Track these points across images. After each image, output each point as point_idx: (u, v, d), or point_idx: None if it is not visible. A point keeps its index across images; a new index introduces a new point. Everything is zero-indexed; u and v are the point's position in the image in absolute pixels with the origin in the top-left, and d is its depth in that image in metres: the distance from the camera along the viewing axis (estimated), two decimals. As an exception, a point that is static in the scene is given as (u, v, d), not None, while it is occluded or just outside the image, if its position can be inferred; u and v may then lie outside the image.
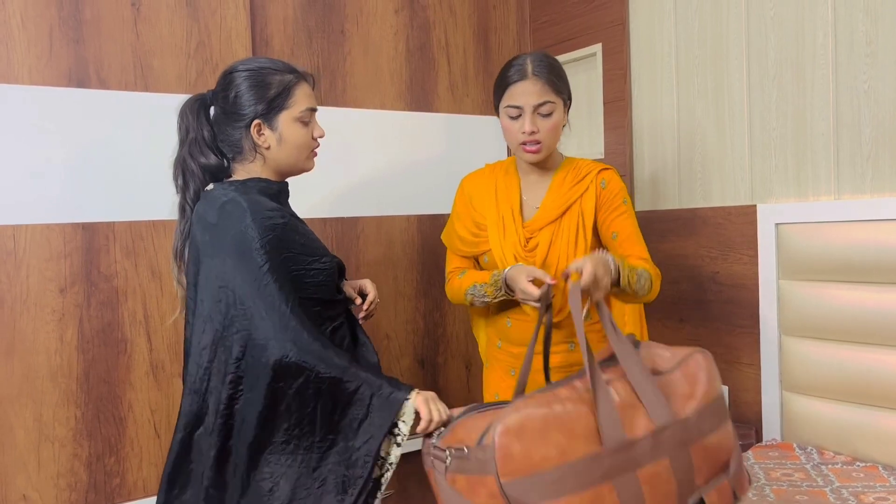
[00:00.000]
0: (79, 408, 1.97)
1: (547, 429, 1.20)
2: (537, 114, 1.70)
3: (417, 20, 2.59)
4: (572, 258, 1.71)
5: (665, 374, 1.34)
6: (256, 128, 1.50)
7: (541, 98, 1.69)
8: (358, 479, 1.36)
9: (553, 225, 1.75)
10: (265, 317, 1.37)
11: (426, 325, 2.62)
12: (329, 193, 2.39)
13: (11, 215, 1.89)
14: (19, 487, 1.89)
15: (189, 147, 1.52)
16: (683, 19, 2.29)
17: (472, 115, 2.70)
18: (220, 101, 1.53)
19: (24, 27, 1.90)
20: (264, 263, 1.39)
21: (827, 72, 1.94)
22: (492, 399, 1.91)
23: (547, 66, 1.72)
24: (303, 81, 1.55)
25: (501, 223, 1.79)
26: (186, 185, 1.53)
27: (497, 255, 1.78)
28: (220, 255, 1.42)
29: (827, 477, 1.76)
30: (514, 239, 1.77)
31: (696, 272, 2.27)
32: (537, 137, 1.70)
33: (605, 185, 1.76)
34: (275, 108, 1.50)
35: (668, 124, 2.36)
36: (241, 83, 1.50)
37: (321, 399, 1.37)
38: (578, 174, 1.78)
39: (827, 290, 1.91)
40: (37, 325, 1.92)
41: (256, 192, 1.49)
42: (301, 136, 1.54)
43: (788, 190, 2.05)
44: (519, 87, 1.70)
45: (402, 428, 1.37)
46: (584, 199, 1.75)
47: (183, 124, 1.55)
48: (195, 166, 1.52)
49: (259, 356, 1.37)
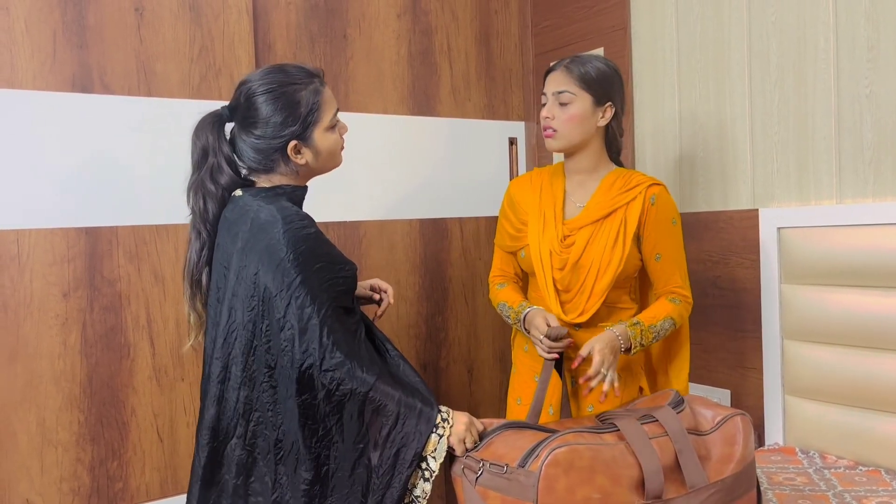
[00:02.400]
0: (82, 412, 1.98)
1: (594, 470, 1.21)
2: (557, 102, 1.74)
3: (419, 25, 2.60)
4: (606, 262, 1.70)
5: (705, 435, 1.38)
6: (294, 149, 1.48)
7: (560, 86, 1.74)
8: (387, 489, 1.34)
9: (594, 226, 1.74)
10: (295, 328, 1.35)
11: (428, 329, 2.63)
12: (331, 198, 2.40)
13: (15, 219, 1.89)
14: (22, 492, 1.90)
15: (210, 170, 1.48)
16: (685, 24, 2.30)
17: (474, 120, 2.71)
18: (246, 124, 1.49)
19: (27, 32, 1.91)
20: (296, 276, 1.37)
21: (828, 76, 1.95)
22: (514, 402, 1.91)
23: (583, 64, 1.74)
24: (323, 87, 1.52)
25: (542, 219, 1.80)
26: (206, 206, 1.48)
27: (534, 248, 1.78)
28: (251, 265, 1.39)
29: (829, 481, 1.76)
30: (552, 234, 1.77)
31: (698, 276, 2.27)
32: (552, 124, 1.75)
33: (654, 201, 1.74)
34: (308, 125, 1.48)
35: (670, 129, 2.36)
36: (267, 106, 1.46)
37: (345, 410, 1.35)
38: (629, 183, 1.76)
39: (829, 294, 1.92)
40: (40, 329, 1.92)
41: (286, 200, 1.47)
42: (333, 141, 1.54)
43: (790, 194, 2.05)
44: (550, 77, 1.78)
45: (432, 464, 1.35)
46: (631, 207, 1.73)
47: (199, 143, 1.49)
48: (215, 188, 1.48)
49: (290, 369, 1.35)
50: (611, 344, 1.61)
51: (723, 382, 2.22)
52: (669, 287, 1.78)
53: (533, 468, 1.20)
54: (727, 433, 1.38)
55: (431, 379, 2.63)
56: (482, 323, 2.75)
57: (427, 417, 1.35)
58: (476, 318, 2.73)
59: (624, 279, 1.76)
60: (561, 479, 1.19)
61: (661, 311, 1.73)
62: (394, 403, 1.35)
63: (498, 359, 2.78)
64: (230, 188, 1.50)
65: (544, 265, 1.76)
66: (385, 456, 1.35)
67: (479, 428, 1.38)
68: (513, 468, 1.22)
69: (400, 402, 1.36)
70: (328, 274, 1.42)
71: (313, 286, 1.38)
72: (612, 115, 1.77)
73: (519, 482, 1.20)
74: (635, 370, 1.80)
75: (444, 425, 1.36)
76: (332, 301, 1.40)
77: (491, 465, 1.26)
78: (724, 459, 1.35)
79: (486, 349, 2.76)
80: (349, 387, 1.34)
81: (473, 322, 2.72)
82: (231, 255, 1.43)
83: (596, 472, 1.21)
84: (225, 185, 1.49)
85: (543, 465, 1.19)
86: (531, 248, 1.80)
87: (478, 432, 1.37)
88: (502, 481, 1.23)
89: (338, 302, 1.43)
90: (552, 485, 1.18)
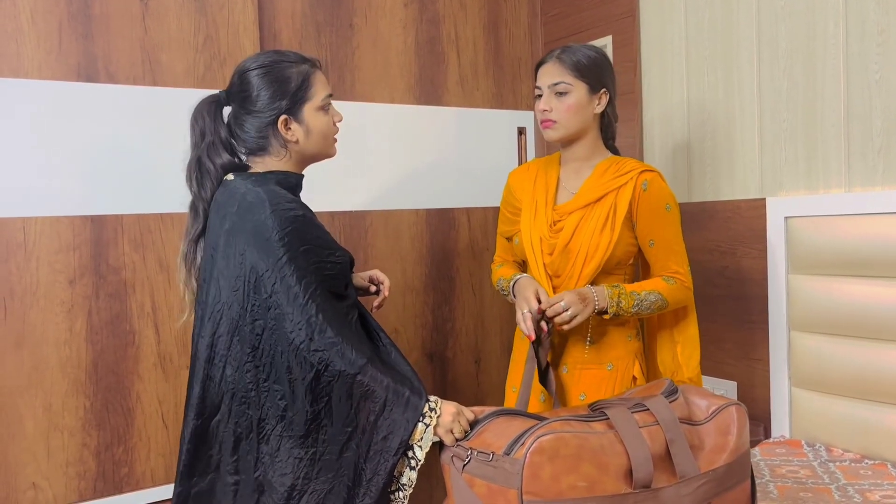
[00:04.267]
0: (87, 398, 2.00)
1: (580, 458, 1.20)
2: (554, 94, 1.75)
3: (427, 14, 2.58)
4: (595, 246, 1.71)
5: (699, 425, 1.36)
6: (284, 123, 1.51)
7: (555, 78, 1.75)
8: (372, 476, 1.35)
9: (584, 210, 1.75)
10: (283, 307, 1.36)
11: (435, 319, 2.62)
12: (337, 187, 2.40)
13: (21, 208, 1.92)
14: (29, 476, 1.93)
15: (207, 149, 1.51)
16: (693, 10, 2.26)
17: (481, 109, 2.69)
18: (239, 100, 1.53)
19: (33, 22, 1.93)
20: (283, 255, 1.38)
21: (838, 62, 1.91)
22: (510, 390, 1.92)
23: (573, 53, 1.76)
24: (317, 69, 1.56)
25: (534, 206, 1.83)
26: (202, 185, 1.52)
27: (525, 235, 1.81)
28: (238, 245, 1.41)
29: (834, 474, 1.73)
30: (542, 220, 1.79)
31: (705, 266, 2.24)
32: (551, 116, 1.76)
33: (646, 186, 1.73)
34: (298, 100, 1.51)
35: (678, 117, 2.33)
36: (259, 81, 1.50)
37: (334, 392, 1.36)
38: (621, 169, 1.77)
39: (837, 284, 1.88)
40: (46, 316, 1.95)
41: (275, 184, 1.49)
42: (325, 123, 1.56)
43: (798, 183, 2.02)
44: (542, 69, 1.79)
45: (418, 453, 1.35)
46: (621, 192, 1.73)
47: (198, 126, 1.53)
48: (212, 166, 1.51)
49: (276, 346, 1.37)
50: (582, 293, 1.64)
51: (729, 374, 2.19)
52: (665, 272, 1.78)
53: (518, 456, 1.19)
54: (721, 423, 1.36)
55: (438, 369, 2.63)
56: (489, 313, 2.74)
57: (414, 406, 1.35)
58: (483, 309, 2.72)
59: (616, 265, 1.76)
60: (546, 467, 1.18)
61: (649, 284, 1.74)
62: (382, 389, 1.35)
63: (505, 349, 2.77)
64: (227, 169, 1.52)
65: (535, 251, 1.77)
66: (372, 441, 1.35)
67: (469, 417, 1.37)
68: (498, 456, 1.22)
69: (388, 388, 1.35)
70: (315, 257, 1.43)
71: (301, 265, 1.38)
72: (607, 102, 1.79)
73: (504, 469, 1.20)
74: (628, 359, 1.79)
75: (432, 415, 1.35)
76: (321, 283, 1.41)
77: (478, 453, 1.25)
78: (717, 449, 1.33)
79: (494, 339, 2.75)
80: (338, 368, 1.34)
81: (481, 312, 2.71)
82: (219, 236, 1.45)
83: (582, 459, 1.20)
84: (221, 165, 1.51)
85: (528, 452, 1.18)
86: (523, 234, 1.82)
87: (467, 421, 1.36)
88: (488, 469, 1.22)
89: (327, 286, 1.43)
90: (537, 472, 1.17)
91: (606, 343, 1.77)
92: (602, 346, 1.77)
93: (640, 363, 1.80)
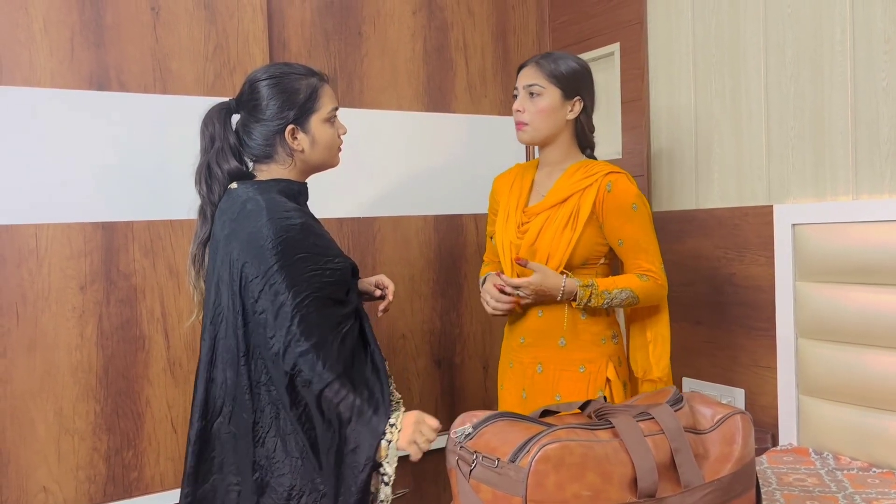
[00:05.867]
0: (98, 402, 2.03)
1: (585, 467, 1.20)
2: (527, 94, 1.81)
3: (435, 21, 2.60)
4: (555, 246, 1.77)
5: (703, 434, 1.36)
6: (291, 132, 1.56)
7: (530, 80, 1.81)
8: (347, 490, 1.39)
9: (549, 211, 1.80)
10: (267, 314, 1.40)
11: (443, 325, 2.63)
12: (346, 194, 2.42)
13: (33, 215, 1.94)
14: (40, 479, 1.95)
15: (216, 154, 1.56)
16: (701, 17, 2.26)
17: (490, 116, 2.71)
18: (249, 109, 1.58)
19: (46, 32, 1.95)
20: (274, 263, 1.42)
21: (845, 69, 1.91)
22: (500, 388, 1.98)
23: (553, 60, 1.82)
24: (325, 83, 1.62)
25: (507, 209, 1.90)
26: (211, 190, 1.57)
27: (497, 237, 1.89)
28: (234, 251, 1.46)
29: (841, 483, 1.72)
30: (512, 223, 1.86)
31: (713, 273, 2.24)
32: (523, 118, 1.82)
33: (610, 188, 1.77)
34: (306, 111, 1.57)
35: (686, 124, 2.33)
36: (269, 91, 1.55)
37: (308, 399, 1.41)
38: (588, 172, 1.82)
39: (844, 292, 1.87)
40: (58, 321, 1.97)
41: (276, 193, 1.53)
42: (330, 135, 1.61)
43: (806, 190, 2.01)
44: (521, 72, 1.86)
45: (388, 469, 1.39)
46: (585, 194, 1.78)
47: (207, 132, 1.59)
48: (220, 172, 1.56)
49: (263, 351, 1.42)
50: (549, 282, 1.72)
51: (736, 381, 2.19)
52: (637, 269, 1.82)
53: (522, 464, 1.19)
54: (726, 432, 1.35)
55: (446, 375, 2.64)
56: (498, 319, 2.74)
57: (374, 428, 1.39)
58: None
59: (582, 264, 1.80)
60: (550, 476, 1.18)
61: (623, 281, 1.78)
62: (346, 407, 1.39)
63: (513, 355, 2.77)
64: (233, 175, 1.57)
65: (504, 252, 1.85)
66: (344, 452, 1.40)
67: (433, 425, 1.42)
68: (504, 462, 1.22)
69: (352, 406, 1.39)
70: (312, 264, 1.46)
71: (292, 274, 1.42)
72: (580, 109, 1.84)
73: (509, 477, 1.20)
74: (600, 362, 1.81)
75: (393, 430, 1.39)
76: (316, 291, 1.44)
77: (483, 458, 1.25)
78: (722, 459, 1.33)
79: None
80: (307, 377, 1.38)
81: (488, 318, 2.72)
82: (219, 241, 1.51)
83: (587, 468, 1.20)
84: (228, 171, 1.56)
85: (533, 461, 1.18)
86: (496, 236, 1.89)
87: (431, 429, 1.41)
88: (493, 475, 1.23)
89: (327, 293, 1.46)
90: (541, 481, 1.17)
91: (578, 345, 1.81)
92: (574, 347, 1.81)
93: (615, 366, 1.82)
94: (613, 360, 1.83)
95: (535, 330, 1.83)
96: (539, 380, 1.83)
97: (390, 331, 2.51)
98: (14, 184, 1.92)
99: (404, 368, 2.55)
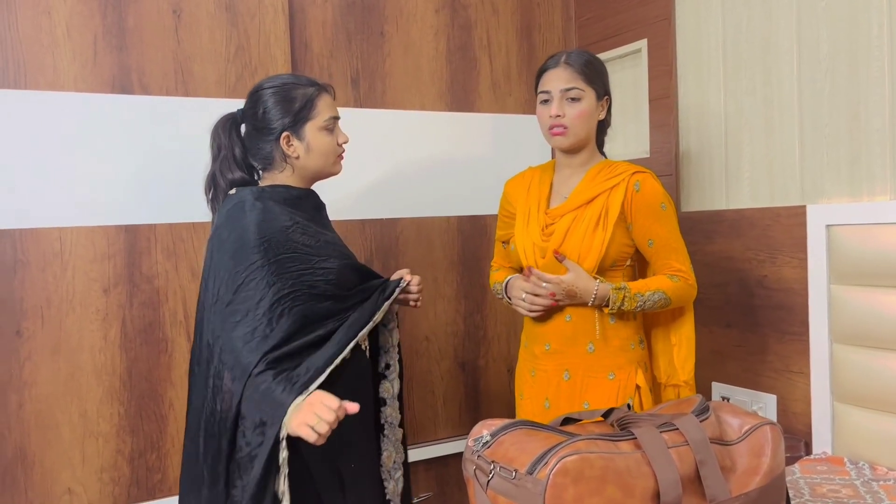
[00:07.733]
0: (122, 405, 2.03)
1: (605, 480, 1.16)
2: (565, 99, 1.75)
3: (458, 19, 2.57)
4: (587, 248, 1.71)
5: (730, 445, 1.31)
6: (285, 139, 1.60)
7: (569, 83, 1.74)
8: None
9: (575, 213, 1.75)
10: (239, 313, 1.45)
11: (467, 327, 2.60)
12: (368, 195, 2.40)
13: (57, 218, 1.96)
14: (65, 481, 1.96)
15: (220, 164, 1.63)
16: (731, 12, 2.20)
17: (514, 115, 2.67)
18: (250, 118, 1.64)
19: (69, 36, 1.96)
20: (253, 262, 1.47)
21: (882, 64, 1.83)
22: (519, 398, 1.92)
23: (581, 58, 1.77)
24: (324, 93, 1.65)
25: (528, 212, 1.84)
26: (216, 198, 1.64)
27: (518, 241, 1.83)
28: (220, 252, 1.52)
29: (877, 494, 1.66)
30: (535, 226, 1.80)
31: (744, 276, 2.18)
32: (563, 122, 1.75)
33: (638, 188, 1.73)
34: (301, 119, 1.61)
35: (715, 122, 2.27)
36: (267, 99, 1.61)
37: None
38: (613, 172, 1.78)
39: (881, 296, 1.80)
40: (82, 324, 1.98)
41: (270, 196, 1.58)
42: (326, 143, 1.64)
43: (841, 189, 1.94)
44: (550, 74, 1.77)
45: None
46: (613, 194, 1.74)
47: (215, 142, 1.65)
48: (223, 182, 1.63)
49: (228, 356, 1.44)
50: (581, 283, 1.68)
51: (768, 387, 2.13)
52: (667, 270, 1.77)
53: (541, 476, 1.16)
54: (754, 443, 1.30)
55: (470, 378, 2.61)
56: (522, 321, 2.70)
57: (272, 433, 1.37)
58: (516, 316, 2.69)
59: (611, 266, 1.75)
60: (569, 489, 1.14)
61: (654, 282, 1.73)
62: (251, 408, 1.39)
63: (539, 358, 2.73)
64: (238, 184, 1.63)
65: (528, 256, 1.79)
66: None
67: (332, 404, 1.32)
68: (521, 474, 1.19)
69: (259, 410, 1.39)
70: (302, 263, 1.51)
71: (268, 273, 1.46)
72: (606, 108, 1.81)
73: (527, 489, 1.17)
74: (629, 368, 1.76)
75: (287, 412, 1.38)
76: (310, 288, 1.50)
77: (501, 468, 1.22)
78: (750, 471, 1.28)
79: (527, 348, 2.72)
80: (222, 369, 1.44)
81: (513, 320, 2.68)
82: (213, 244, 1.57)
83: (607, 482, 1.16)
84: (231, 181, 1.62)
85: (551, 473, 1.14)
86: (517, 240, 1.83)
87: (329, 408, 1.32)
88: (511, 487, 1.20)
89: (322, 290, 1.52)
90: (560, 494, 1.14)
91: (608, 351, 1.76)
92: (604, 354, 1.76)
93: (643, 372, 1.77)
94: (641, 365, 1.79)
95: (562, 335, 1.77)
96: (565, 388, 1.78)
97: (413, 333, 2.49)
98: (38, 187, 1.93)
99: (428, 371, 2.52)
